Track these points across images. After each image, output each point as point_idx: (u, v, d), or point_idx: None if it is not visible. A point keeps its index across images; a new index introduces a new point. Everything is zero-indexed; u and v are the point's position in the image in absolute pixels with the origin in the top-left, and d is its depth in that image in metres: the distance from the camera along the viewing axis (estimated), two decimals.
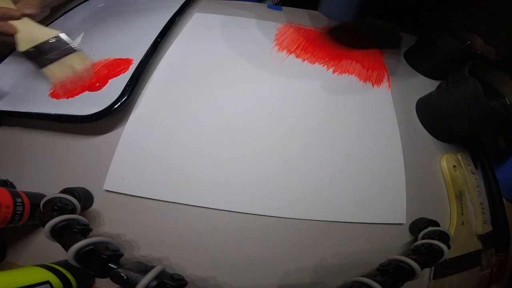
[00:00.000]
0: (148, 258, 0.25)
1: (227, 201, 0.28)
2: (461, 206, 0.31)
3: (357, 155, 0.32)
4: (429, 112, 0.36)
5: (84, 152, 0.30)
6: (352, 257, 0.28)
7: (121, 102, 0.29)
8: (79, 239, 0.19)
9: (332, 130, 0.34)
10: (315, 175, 0.30)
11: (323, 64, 0.40)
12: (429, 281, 0.28)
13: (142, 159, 0.29)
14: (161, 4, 0.46)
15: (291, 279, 0.26)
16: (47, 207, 0.21)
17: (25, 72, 0.35)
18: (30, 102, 0.32)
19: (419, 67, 0.43)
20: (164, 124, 0.32)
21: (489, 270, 0.30)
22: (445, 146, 0.35)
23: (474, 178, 0.34)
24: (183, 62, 0.38)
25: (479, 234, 0.31)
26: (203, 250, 0.26)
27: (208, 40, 0.41)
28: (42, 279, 0.19)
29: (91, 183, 0.28)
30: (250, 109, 0.34)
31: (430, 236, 0.26)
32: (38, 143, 0.31)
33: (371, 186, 0.31)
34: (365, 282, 0.21)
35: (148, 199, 0.28)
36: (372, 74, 0.40)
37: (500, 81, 0.32)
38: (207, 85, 0.36)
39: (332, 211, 0.29)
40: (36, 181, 0.28)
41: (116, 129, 0.31)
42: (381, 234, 0.29)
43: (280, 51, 0.41)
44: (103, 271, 0.18)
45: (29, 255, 0.25)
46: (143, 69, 0.33)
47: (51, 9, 0.41)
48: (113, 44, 0.40)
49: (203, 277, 0.25)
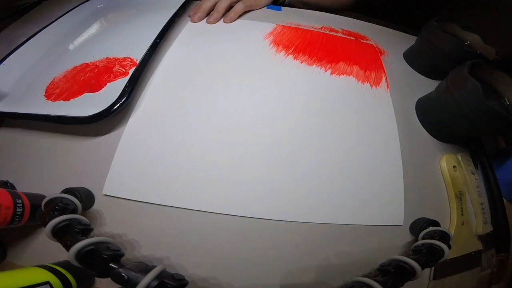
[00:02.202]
0: (149, 258, 0.25)
1: (226, 205, 0.28)
2: (461, 207, 0.31)
3: (355, 157, 0.32)
4: (429, 112, 0.36)
5: (84, 154, 0.30)
6: (352, 257, 0.28)
7: (120, 103, 0.29)
8: (80, 239, 0.19)
9: (330, 132, 0.34)
10: (313, 177, 0.30)
11: (321, 65, 0.40)
12: (429, 281, 0.28)
13: (141, 162, 0.29)
14: (161, 5, 0.46)
15: (291, 279, 0.26)
16: (48, 207, 0.21)
17: (25, 73, 0.35)
18: (30, 103, 0.32)
19: (419, 67, 0.43)
20: (163, 127, 0.32)
21: (489, 271, 0.30)
22: (445, 146, 0.35)
23: (474, 178, 0.34)
24: (182, 64, 0.38)
25: (479, 234, 0.31)
26: (203, 250, 0.26)
27: (207, 42, 0.41)
28: (42, 280, 0.19)
29: (91, 185, 0.28)
30: (248, 111, 0.34)
31: (431, 236, 0.26)
32: (38, 144, 0.31)
33: (369, 188, 0.30)
34: (366, 282, 0.21)
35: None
36: (370, 75, 0.40)
37: (500, 81, 0.32)
38: (206, 87, 0.36)
39: (330, 213, 0.29)
40: (36, 182, 0.28)
41: (116, 130, 0.31)
42: (381, 235, 0.29)
43: (278, 52, 0.41)
44: (104, 271, 0.18)
45: (29, 256, 0.25)
46: (142, 70, 0.33)
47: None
48: (113, 44, 0.40)
49: (204, 277, 0.25)
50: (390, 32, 0.51)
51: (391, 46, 0.46)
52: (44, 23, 0.40)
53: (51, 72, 0.36)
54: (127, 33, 0.42)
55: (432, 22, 0.39)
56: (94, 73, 0.35)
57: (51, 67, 0.37)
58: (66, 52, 0.39)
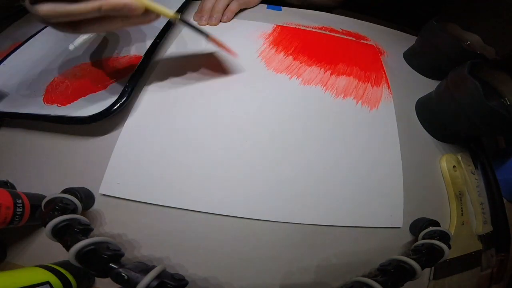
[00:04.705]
0: (149, 258, 0.25)
1: (224, 206, 0.28)
2: (461, 207, 0.31)
3: (354, 159, 0.32)
4: (429, 112, 0.36)
5: (84, 154, 0.30)
6: (352, 257, 0.28)
7: (120, 103, 0.29)
8: (80, 239, 0.19)
9: (329, 133, 0.33)
10: (312, 179, 0.30)
11: (320, 66, 0.40)
12: (429, 281, 0.28)
13: (138, 162, 0.29)
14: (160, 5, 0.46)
15: (291, 279, 0.26)
16: (48, 207, 0.21)
17: (25, 73, 0.35)
18: (30, 103, 0.32)
19: (419, 67, 0.43)
20: (161, 128, 0.32)
21: (489, 271, 0.30)
22: (445, 146, 0.35)
23: (474, 178, 0.34)
24: (181, 64, 0.38)
25: (479, 234, 0.31)
26: (204, 250, 0.26)
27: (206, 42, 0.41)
28: (42, 280, 0.19)
29: (90, 185, 0.28)
30: (247, 111, 0.34)
31: (431, 236, 0.26)
32: (38, 144, 0.31)
33: (368, 189, 0.30)
34: (366, 282, 0.21)
35: None
36: (370, 75, 0.40)
37: (500, 81, 0.32)
38: (205, 88, 0.35)
39: (329, 215, 0.29)
40: (36, 182, 0.28)
41: (116, 130, 0.31)
42: (381, 235, 0.29)
43: (278, 53, 0.41)
44: (104, 271, 0.18)
45: (29, 256, 0.25)
46: (142, 70, 0.33)
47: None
48: (113, 44, 0.40)
49: (204, 277, 0.25)
50: (390, 32, 0.51)
51: (391, 46, 0.46)
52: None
53: (51, 72, 0.36)
54: (127, 33, 0.42)
55: (432, 22, 0.39)
56: (94, 73, 0.35)
57: (51, 67, 0.37)
58: (66, 52, 0.39)
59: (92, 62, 0.37)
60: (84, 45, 0.40)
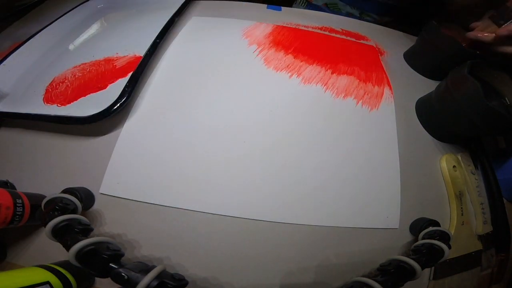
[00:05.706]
0: (149, 258, 0.25)
1: (224, 206, 0.28)
2: (461, 207, 0.31)
3: (353, 160, 0.32)
4: (429, 112, 0.36)
5: (84, 154, 0.30)
6: (352, 258, 0.27)
7: (120, 103, 0.29)
8: (80, 239, 0.19)
9: (329, 133, 0.33)
10: (310, 180, 0.30)
11: (320, 65, 0.40)
12: (429, 281, 0.28)
13: (138, 162, 0.29)
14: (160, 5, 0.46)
15: (291, 279, 0.26)
16: (48, 207, 0.21)
17: (25, 73, 0.35)
18: (30, 103, 0.32)
19: (419, 67, 0.43)
20: (161, 127, 0.32)
21: (489, 271, 0.30)
22: (445, 146, 0.35)
23: (474, 178, 0.34)
24: (181, 64, 0.38)
25: (479, 234, 0.31)
26: (204, 250, 0.26)
27: (206, 42, 0.41)
28: (42, 280, 0.19)
29: (90, 185, 0.28)
30: (247, 112, 0.34)
31: (431, 236, 0.25)
32: (38, 144, 0.31)
33: (365, 191, 0.30)
34: (366, 282, 0.21)
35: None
36: (371, 75, 0.40)
37: (500, 81, 0.32)
38: (205, 88, 0.35)
39: (327, 216, 0.29)
40: (36, 182, 0.28)
41: (116, 130, 0.31)
42: (381, 235, 0.29)
43: (277, 52, 0.41)
44: (104, 271, 0.18)
45: (29, 256, 0.25)
46: (142, 70, 0.33)
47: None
48: (113, 44, 0.40)
49: (204, 277, 0.25)
50: (390, 32, 0.51)
51: (391, 46, 0.46)
52: (44, 23, 0.40)
53: (51, 72, 0.36)
54: (127, 33, 0.42)
55: (432, 22, 0.39)
56: (94, 73, 0.35)
57: (51, 67, 0.37)
58: (66, 52, 0.39)
59: (92, 62, 0.37)
60: (84, 45, 0.41)
